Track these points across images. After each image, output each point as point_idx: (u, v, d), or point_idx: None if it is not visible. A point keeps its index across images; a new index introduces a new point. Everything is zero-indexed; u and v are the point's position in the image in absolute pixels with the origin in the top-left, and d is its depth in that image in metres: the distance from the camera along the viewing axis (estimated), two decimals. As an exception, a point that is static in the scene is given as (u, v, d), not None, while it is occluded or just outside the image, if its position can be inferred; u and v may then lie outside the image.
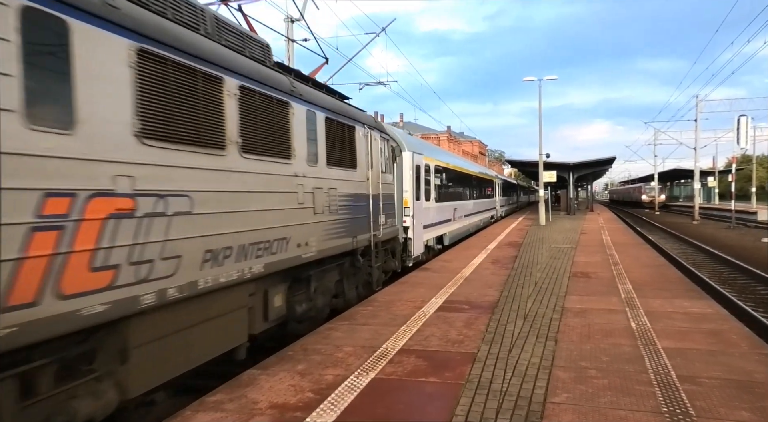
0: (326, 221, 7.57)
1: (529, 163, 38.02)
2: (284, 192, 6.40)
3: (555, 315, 7.77)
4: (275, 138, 6.28)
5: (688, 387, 4.89)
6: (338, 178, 8.05)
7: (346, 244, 8.41)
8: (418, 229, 13.56)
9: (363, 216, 9.16)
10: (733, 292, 12.93)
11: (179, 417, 4.45)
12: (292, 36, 17.74)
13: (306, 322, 7.48)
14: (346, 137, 8.48)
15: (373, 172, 9.79)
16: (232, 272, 5.32)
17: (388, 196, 10.89)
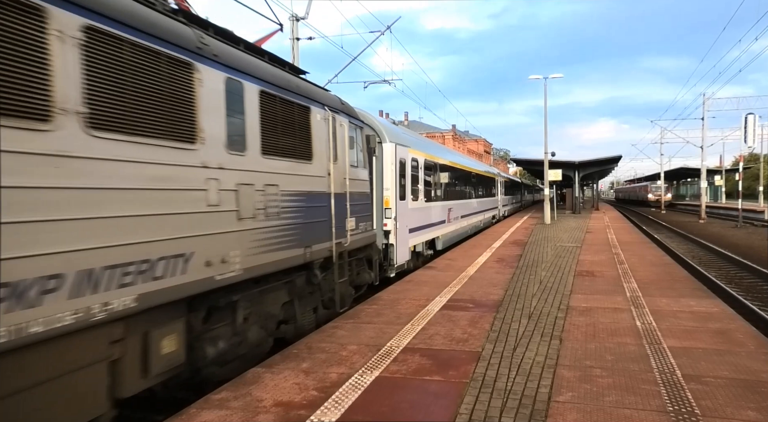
0: (260, 228, 5.76)
1: (534, 162, 37.92)
2: (181, 189, 4.60)
3: (560, 313, 7.75)
4: (163, 111, 4.44)
5: (694, 387, 4.87)
6: (282, 172, 6.27)
7: (295, 257, 6.58)
8: (403, 233, 11.87)
9: (322, 220, 7.36)
10: (739, 291, 12.86)
11: (185, 414, 4.47)
12: (297, 35, 17.77)
13: (236, 362, 5.80)
14: (295, 119, 6.70)
15: (338, 166, 7.96)
16: (63, 314, 3.49)
17: (362, 194, 9.12)
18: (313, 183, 7.17)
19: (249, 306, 5.93)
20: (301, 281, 7.15)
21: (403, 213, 11.91)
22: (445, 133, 75.90)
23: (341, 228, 8.06)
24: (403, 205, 11.89)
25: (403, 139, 12.54)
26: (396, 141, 11.66)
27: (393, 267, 11.35)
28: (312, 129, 7.18)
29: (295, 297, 7.09)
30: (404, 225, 11.94)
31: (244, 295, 5.76)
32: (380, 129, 11.28)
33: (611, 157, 37.16)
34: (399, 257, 11.59)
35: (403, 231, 11.81)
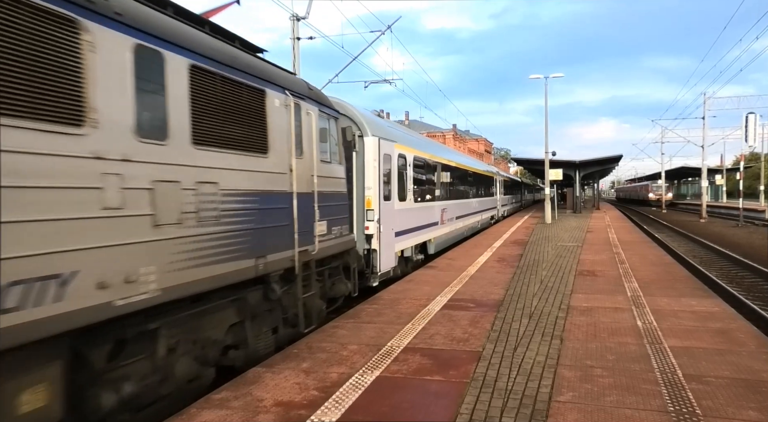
0: (189, 237, 4.65)
1: (535, 161, 37.92)
2: (55, 187, 3.50)
3: (561, 313, 7.74)
4: (26, 81, 3.35)
5: (695, 387, 4.86)
6: (223, 167, 5.20)
7: (243, 270, 5.48)
8: (388, 237, 10.72)
9: (281, 224, 6.28)
10: (740, 291, 12.85)
11: (185, 414, 4.47)
12: (297, 34, 17.77)
13: (160, 403, 4.76)
14: (244, 104, 5.63)
15: (304, 161, 6.90)
16: None
17: (336, 194, 8.04)
18: (269, 181, 6.05)
19: (177, 333, 4.80)
20: (254, 298, 6.02)
21: (388, 215, 10.77)
22: (445, 132, 75.84)
23: (307, 234, 6.94)
24: (387, 206, 10.79)
25: (389, 133, 11.36)
26: (380, 135, 10.48)
27: (376, 275, 10.18)
28: (268, 116, 6.07)
29: (247, 317, 5.95)
30: (389, 229, 10.81)
31: (168, 321, 4.64)
32: (361, 121, 10.14)
33: (612, 157, 37.15)
34: (383, 264, 10.43)
35: (387, 235, 10.69)
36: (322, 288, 7.80)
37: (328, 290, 8.15)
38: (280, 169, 6.37)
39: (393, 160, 11.26)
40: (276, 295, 6.32)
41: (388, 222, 10.70)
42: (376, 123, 10.90)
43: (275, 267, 6.19)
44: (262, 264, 5.89)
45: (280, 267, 6.34)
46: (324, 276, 7.92)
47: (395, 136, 11.84)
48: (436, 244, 15.24)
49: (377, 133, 10.39)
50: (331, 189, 7.87)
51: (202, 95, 5.00)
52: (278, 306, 6.59)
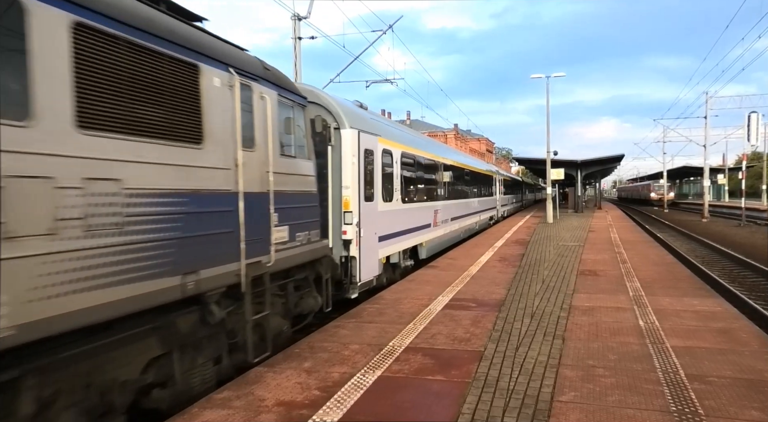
0: (66, 253, 3.53)
1: (536, 161, 37.90)
2: None
3: (562, 313, 7.73)
4: None
5: (697, 386, 4.85)
6: (129, 159, 4.09)
7: (163, 291, 4.36)
8: (370, 242, 9.59)
9: (221, 231, 5.16)
10: (742, 290, 12.83)
11: (187, 414, 4.47)
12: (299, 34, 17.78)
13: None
14: (164, 80, 4.49)
15: (256, 155, 5.82)
16: None
17: (302, 195, 6.94)
18: (204, 178, 4.93)
19: (56, 380, 3.66)
20: (185, 323, 4.87)
21: (370, 217, 9.64)
22: (447, 132, 75.81)
23: (260, 242, 5.80)
24: (369, 208, 9.64)
25: (371, 126, 10.18)
26: (360, 127, 9.33)
27: (355, 285, 8.99)
28: (203, 98, 4.97)
29: (175, 347, 4.80)
30: (371, 233, 9.68)
31: (38, 366, 3.50)
32: (337, 111, 8.97)
33: (613, 156, 37.13)
34: (364, 272, 9.28)
35: (369, 240, 9.55)
36: (284, 304, 6.76)
37: (293, 307, 7.03)
38: (221, 164, 5.22)
39: (376, 156, 10.17)
40: (216, 318, 5.16)
41: (370, 225, 9.58)
42: (355, 114, 9.70)
43: (212, 285, 5.03)
44: (193, 282, 4.72)
45: (221, 285, 5.16)
46: (287, 291, 6.81)
47: (379, 129, 10.65)
48: (428, 248, 14.16)
49: (357, 125, 9.25)
50: (296, 188, 6.78)
51: (95, 64, 3.85)
52: (221, 332, 5.43)
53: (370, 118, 10.67)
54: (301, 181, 7.00)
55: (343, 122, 8.94)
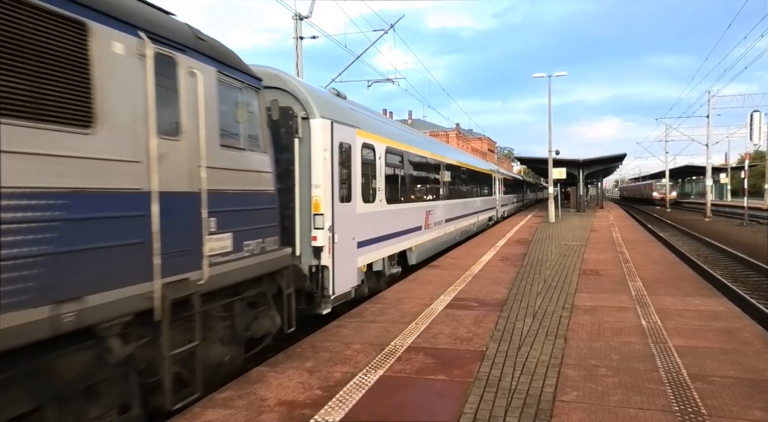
0: None
1: (538, 160, 37.87)
2: None
3: (564, 312, 7.72)
4: None
5: (700, 386, 4.84)
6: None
7: (20, 328, 3.22)
8: (346, 249, 8.44)
9: (123, 242, 4.05)
10: (745, 290, 12.80)
11: (189, 413, 4.47)
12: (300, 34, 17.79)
13: None
14: (32, 41, 3.43)
15: (183, 145, 4.70)
16: None
17: (255, 195, 5.85)
18: (95, 172, 3.84)
19: None
20: (71, 366, 3.76)
21: (347, 220, 8.48)
22: (449, 131, 75.82)
23: (187, 255, 4.67)
24: (346, 210, 8.47)
25: (349, 116, 8.95)
26: (334, 117, 8.13)
27: (328, 299, 7.81)
28: (93, 67, 3.87)
29: (47, 400, 3.60)
30: (348, 238, 8.55)
31: None
32: (305, 97, 7.71)
33: (616, 155, 37.06)
34: (339, 283, 8.09)
35: (345, 246, 8.41)
36: (229, 328, 5.61)
37: (244, 330, 5.86)
38: (124, 155, 4.11)
39: (354, 151, 8.96)
40: (118, 357, 4.00)
41: (346, 229, 8.43)
42: (328, 102, 8.47)
43: (107, 315, 3.85)
44: (72, 313, 3.54)
45: (122, 313, 3.99)
46: (234, 311, 5.65)
47: (359, 120, 9.41)
48: (418, 253, 12.97)
49: (330, 114, 8.05)
50: (245, 187, 5.68)
51: None
52: (129, 372, 4.25)
53: (348, 107, 9.36)
54: (252, 178, 5.84)
55: (312, 111, 7.68)
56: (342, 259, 8.25)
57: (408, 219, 12.09)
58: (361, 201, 9.20)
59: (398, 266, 11.60)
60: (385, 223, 10.43)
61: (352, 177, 8.87)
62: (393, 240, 10.97)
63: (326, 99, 8.50)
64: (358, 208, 9.08)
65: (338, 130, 8.26)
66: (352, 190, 8.81)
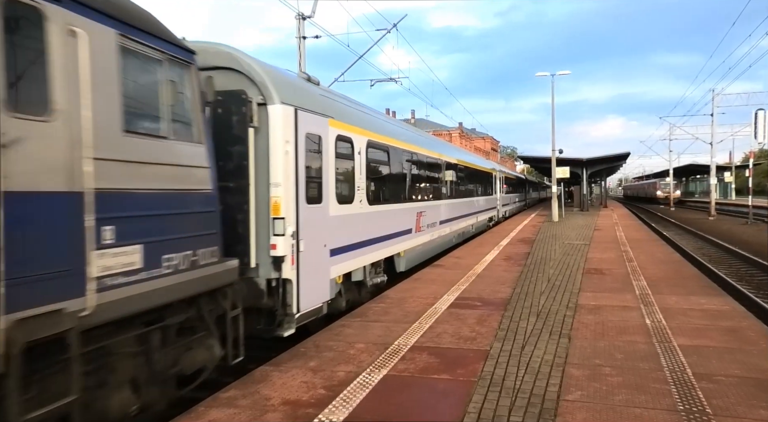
0: None
1: (541, 159, 37.82)
2: None
3: (568, 312, 7.71)
4: None
5: (705, 385, 4.82)
6: None
7: None
8: (315, 258, 7.18)
9: None
10: (750, 289, 12.74)
11: (193, 412, 4.48)
12: (303, 33, 17.80)
13: None
14: None
15: (54, 127, 3.55)
16: None
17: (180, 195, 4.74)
18: None
19: None
20: None
21: (317, 224, 7.29)
22: (452, 131, 75.80)
23: (59, 278, 3.52)
24: (315, 212, 7.25)
25: (320, 104, 7.77)
26: (299, 104, 6.95)
27: (291, 318, 6.56)
28: None
29: None
30: (318, 245, 7.34)
31: None
32: (262, 79, 6.51)
33: (619, 154, 36.97)
34: (305, 299, 6.84)
35: (315, 255, 7.17)
36: (144, 367, 4.46)
37: (167, 367, 4.70)
38: None
39: (326, 144, 7.72)
40: None
41: (315, 235, 7.21)
42: (292, 86, 7.27)
43: None
44: None
45: None
46: (151, 345, 4.51)
47: (333, 109, 8.22)
48: (408, 259, 11.76)
49: (294, 100, 6.86)
50: (166, 185, 4.55)
51: None
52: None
53: (320, 94, 8.17)
54: (178, 174, 4.70)
55: (270, 95, 6.49)
56: (310, 270, 7.02)
57: (395, 221, 10.97)
58: (335, 202, 8.01)
59: (384, 274, 10.42)
60: (366, 227, 9.27)
61: (324, 174, 7.64)
62: (377, 246, 9.82)
63: (289, 82, 7.33)
64: (332, 209, 7.88)
65: (304, 119, 7.07)
66: (323, 189, 7.58)
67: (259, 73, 6.56)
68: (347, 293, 8.65)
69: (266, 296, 6.42)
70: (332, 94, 9.00)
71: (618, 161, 40.54)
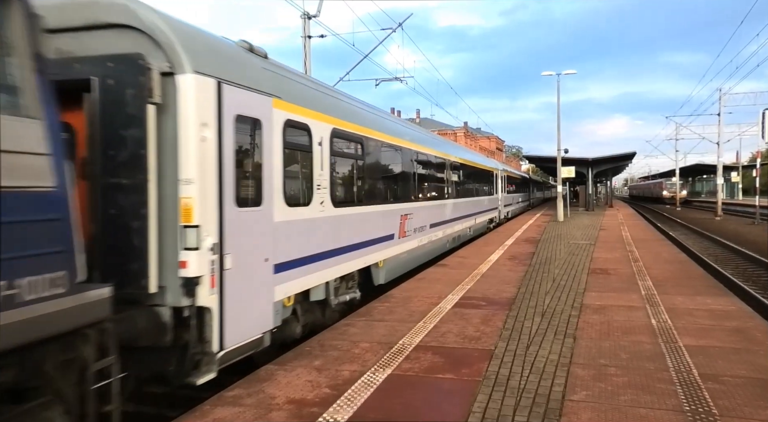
0: None
1: (547, 159, 37.72)
2: None
3: (573, 312, 7.69)
4: None
5: (711, 386, 4.80)
6: None
7: None
8: (251, 276, 5.63)
9: None
10: (757, 289, 12.66)
11: (198, 411, 4.50)
12: (308, 33, 17.82)
13: None
14: None
15: None
16: None
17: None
18: None
19: None
20: None
21: (253, 233, 5.68)
22: (457, 130, 75.65)
23: None
24: (250, 218, 5.65)
25: (259, 78, 6.06)
26: (224, 75, 5.33)
27: (212, 358, 4.95)
28: None
29: None
30: (256, 260, 5.72)
31: None
32: (169, 39, 4.88)
33: (625, 154, 36.84)
34: (233, 332, 5.22)
35: (248, 273, 5.57)
36: None
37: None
38: None
39: (269, 130, 6.03)
40: None
41: (250, 247, 5.61)
42: (214, 51, 5.57)
43: None
44: None
45: None
46: None
47: (281, 87, 6.49)
48: (389, 269, 10.15)
49: (217, 70, 5.24)
50: None
51: None
52: None
53: (263, 67, 6.31)
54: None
55: (180, 61, 4.84)
56: (240, 293, 5.36)
57: (372, 226, 9.29)
58: (282, 204, 6.27)
59: (356, 290, 8.84)
60: (330, 234, 7.58)
61: (265, 169, 5.96)
62: (346, 256, 8.13)
63: (212, 47, 5.59)
64: (278, 214, 6.17)
65: (234, 97, 5.39)
66: (263, 188, 5.90)
67: (164, 32, 4.87)
68: (305, 315, 7.18)
69: (171, 332, 4.76)
70: (284, 71, 7.04)
71: (624, 161, 40.40)
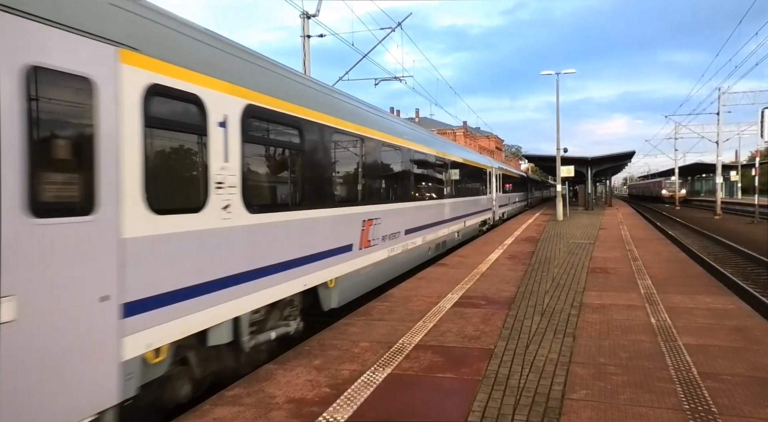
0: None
1: (546, 158, 37.71)
2: None
3: (573, 311, 7.69)
4: None
5: (711, 384, 4.81)
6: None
7: None
8: (62, 329, 3.56)
9: None
10: (756, 288, 12.68)
11: (198, 410, 4.50)
12: (308, 32, 17.81)
13: None
14: None
15: None
16: None
17: None
18: None
19: None
20: None
21: (74, 259, 3.68)
22: (456, 129, 75.66)
23: None
24: (65, 235, 3.64)
25: (81, 8, 3.87)
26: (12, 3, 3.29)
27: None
28: None
29: None
30: (78, 301, 3.71)
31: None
32: None
33: (624, 153, 36.83)
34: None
35: (60, 326, 3.58)
36: None
37: None
38: None
39: (110, 96, 4.02)
40: None
41: (65, 280, 3.63)
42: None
43: None
44: None
45: None
46: None
47: (147, 35, 4.50)
48: (344, 289, 8.22)
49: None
50: None
51: None
52: None
53: (109, 2, 4.18)
54: None
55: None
56: (37, 357, 3.47)
57: (318, 236, 7.36)
58: (142, 210, 4.30)
59: (296, 319, 6.97)
60: (242, 250, 5.61)
61: (103, 156, 3.94)
62: (272, 278, 6.17)
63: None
64: (132, 225, 4.19)
65: (26, 35, 3.44)
66: (99, 185, 3.91)
67: None
68: (201, 365, 5.33)
69: None
70: (157, 15, 4.75)
71: (623, 160, 40.37)
